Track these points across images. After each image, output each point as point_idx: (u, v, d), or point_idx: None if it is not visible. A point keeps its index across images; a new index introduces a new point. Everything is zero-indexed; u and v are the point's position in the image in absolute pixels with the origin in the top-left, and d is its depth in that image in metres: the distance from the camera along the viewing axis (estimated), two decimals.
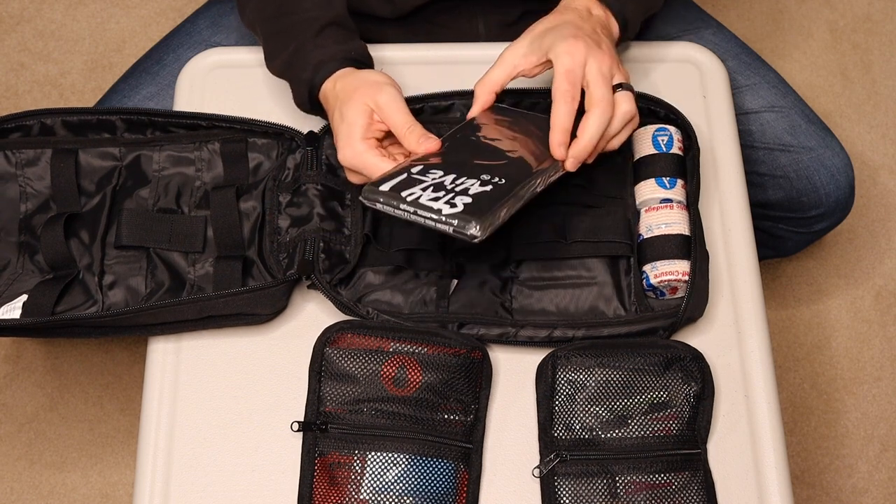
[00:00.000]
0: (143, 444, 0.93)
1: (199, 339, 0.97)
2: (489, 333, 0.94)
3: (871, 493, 1.48)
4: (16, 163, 1.04)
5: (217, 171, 1.04)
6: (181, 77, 1.11)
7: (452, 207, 0.85)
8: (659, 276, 0.95)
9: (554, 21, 0.97)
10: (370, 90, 0.95)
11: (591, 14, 0.99)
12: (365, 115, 0.94)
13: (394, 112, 0.94)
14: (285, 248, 0.99)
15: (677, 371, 0.92)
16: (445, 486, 0.89)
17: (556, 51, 0.92)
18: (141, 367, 0.99)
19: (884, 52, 1.81)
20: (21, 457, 1.49)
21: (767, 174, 1.21)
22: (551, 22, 0.97)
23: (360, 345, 0.93)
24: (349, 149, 0.94)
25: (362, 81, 0.97)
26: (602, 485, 0.89)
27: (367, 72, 0.99)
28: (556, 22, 0.97)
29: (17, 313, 0.96)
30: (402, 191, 0.87)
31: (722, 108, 1.08)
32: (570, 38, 0.92)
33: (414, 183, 0.87)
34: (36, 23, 1.85)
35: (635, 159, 1.02)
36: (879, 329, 1.59)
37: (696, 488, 0.89)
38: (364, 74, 0.98)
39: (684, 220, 0.97)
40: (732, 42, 1.24)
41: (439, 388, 0.92)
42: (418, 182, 0.88)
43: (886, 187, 1.70)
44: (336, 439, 0.90)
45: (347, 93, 0.96)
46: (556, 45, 0.92)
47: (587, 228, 0.98)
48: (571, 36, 0.92)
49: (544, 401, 0.92)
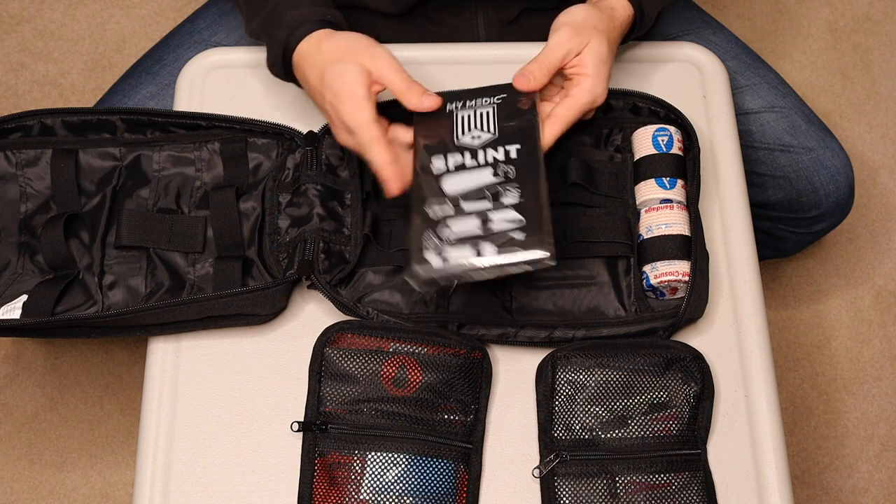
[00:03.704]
0: (143, 444, 0.93)
1: (198, 340, 0.97)
2: (489, 334, 0.94)
3: (871, 493, 1.48)
4: (16, 163, 1.04)
5: (217, 171, 1.04)
6: (181, 77, 1.11)
7: (507, 248, 0.84)
8: (659, 277, 0.95)
9: (608, 33, 0.99)
10: (364, 52, 0.95)
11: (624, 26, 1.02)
12: (364, 75, 0.94)
13: (392, 72, 0.94)
14: (285, 248, 0.98)
15: (677, 371, 0.92)
16: (445, 486, 0.89)
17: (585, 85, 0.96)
18: (141, 367, 0.99)
19: (884, 52, 1.81)
20: (21, 457, 1.49)
21: (767, 174, 1.21)
22: (606, 32, 0.98)
23: (360, 345, 0.93)
24: (357, 112, 0.93)
25: (353, 43, 0.96)
26: (602, 485, 0.89)
27: (353, 34, 0.98)
28: (608, 35, 0.99)
29: (17, 313, 0.96)
30: (450, 258, 0.85)
31: (722, 109, 1.08)
32: (603, 81, 0.97)
33: (444, 235, 0.86)
34: (36, 23, 1.85)
35: (635, 159, 1.01)
36: (879, 329, 1.59)
37: (696, 488, 0.90)
38: (352, 36, 0.98)
39: (684, 220, 0.97)
40: (732, 42, 1.24)
41: (439, 388, 0.92)
42: (446, 229, 0.86)
43: (886, 187, 1.70)
44: (336, 439, 0.90)
45: (337, 54, 0.96)
46: (596, 93, 0.97)
47: (587, 228, 0.98)
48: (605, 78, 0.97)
49: (544, 401, 0.92)
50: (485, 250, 0.84)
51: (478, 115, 0.96)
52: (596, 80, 0.96)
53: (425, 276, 0.85)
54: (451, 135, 0.94)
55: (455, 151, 0.93)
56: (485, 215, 0.87)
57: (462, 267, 0.85)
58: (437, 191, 0.90)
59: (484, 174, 0.91)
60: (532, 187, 0.88)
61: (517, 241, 0.84)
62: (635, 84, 1.09)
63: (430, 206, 0.89)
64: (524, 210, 0.87)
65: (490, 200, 0.88)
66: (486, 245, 0.85)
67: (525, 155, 0.91)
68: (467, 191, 0.89)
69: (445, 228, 0.87)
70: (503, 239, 0.85)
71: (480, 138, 0.93)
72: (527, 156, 0.91)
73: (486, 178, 0.90)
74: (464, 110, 0.96)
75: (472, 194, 0.89)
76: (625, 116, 1.04)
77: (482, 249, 0.85)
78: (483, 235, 0.85)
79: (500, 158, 0.91)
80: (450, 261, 0.85)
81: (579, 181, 1.00)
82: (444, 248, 0.85)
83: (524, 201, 0.87)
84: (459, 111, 0.96)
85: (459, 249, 0.85)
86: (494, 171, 0.90)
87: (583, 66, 0.97)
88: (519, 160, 0.91)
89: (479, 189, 0.89)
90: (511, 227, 0.85)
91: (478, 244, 0.85)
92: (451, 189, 0.90)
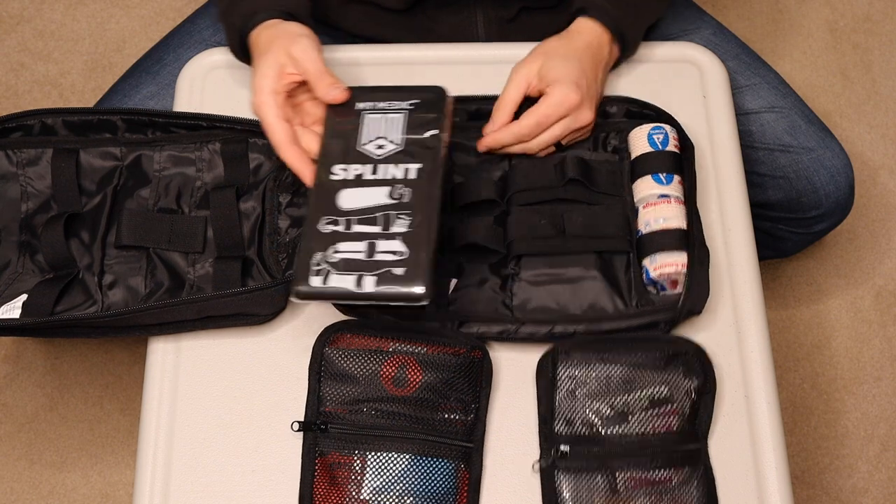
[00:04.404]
0: (143, 444, 0.93)
1: (198, 340, 0.97)
2: (489, 331, 0.94)
3: (871, 493, 1.48)
4: (17, 162, 1.04)
5: (218, 171, 1.04)
6: (181, 77, 1.11)
7: (385, 283, 0.85)
8: (658, 269, 0.95)
9: (565, 50, 1.02)
10: (288, 39, 0.97)
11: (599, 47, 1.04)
12: (275, 67, 0.96)
13: (306, 61, 0.96)
14: (285, 248, 0.99)
15: (678, 366, 0.92)
16: (446, 485, 0.89)
17: (554, 89, 0.99)
18: (141, 367, 0.99)
19: (884, 52, 1.81)
20: (21, 457, 1.49)
21: (767, 174, 1.21)
22: (563, 50, 1.02)
23: (360, 345, 0.93)
24: (262, 109, 0.96)
25: (282, 33, 0.99)
26: (602, 480, 0.89)
27: (289, 24, 1.01)
28: (566, 52, 1.02)
29: (16, 313, 0.96)
30: (331, 282, 0.86)
31: (722, 108, 1.08)
32: (573, 85, 0.99)
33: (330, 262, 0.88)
34: (36, 23, 1.85)
35: (632, 158, 1.02)
36: (879, 329, 1.59)
37: (696, 484, 0.89)
38: (285, 26, 1.00)
39: (682, 214, 0.97)
40: (732, 42, 1.24)
41: (439, 387, 0.92)
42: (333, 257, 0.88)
43: (886, 187, 1.70)
44: (336, 439, 0.90)
45: (266, 44, 0.98)
46: (557, 87, 0.99)
47: (586, 224, 0.99)
48: (574, 83, 1.00)
49: (545, 396, 0.92)
50: (365, 282, 0.86)
51: (386, 120, 0.95)
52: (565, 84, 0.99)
53: (306, 292, 0.87)
54: (355, 139, 0.94)
55: (356, 160, 0.92)
56: (373, 243, 0.88)
57: (340, 292, 0.86)
58: (332, 206, 0.90)
59: (380, 194, 0.90)
60: (422, 215, 0.88)
61: (395, 277, 0.86)
62: (636, 84, 1.09)
63: (322, 223, 0.89)
64: (410, 241, 0.87)
65: (380, 226, 0.88)
66: (366, 277, 0.86)
67: (424, 177, 0.91)
68: (361, 209, 0.90)
69: (333, 249, 0.88)
70: (383, 271, 0.86)
71: (384, 148, 0.93)
72: (426, 180, 0.91)
73: (381, 198, 0.90)
74: (373, 113, 0.95)
75: (365, 215, 0.89)
76: (621, 121, 1.05)
77: (363, 281, 0.86)
78: (366, 263, 0.87)
79: (398, 177, 0.91)
80: (331, 284, 0.86)
81: (577, 177, 1.00)
82: (328, 270, 0.87)
83: (412, 231, 0.88)
84: (368, 113, 0.95)
85: (342, 276, 0.86)
86: (391, 191, 0.90)
87: (544, 79, 1.00)
88: (417, 182, 0.91)
89: (372, 209, 0.89)
90: (393, 260, 0.86)
91: (360, 274, 0.86)
92: (345, 205, 0.90)
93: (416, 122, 0.94)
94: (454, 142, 1.04)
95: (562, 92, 0.99)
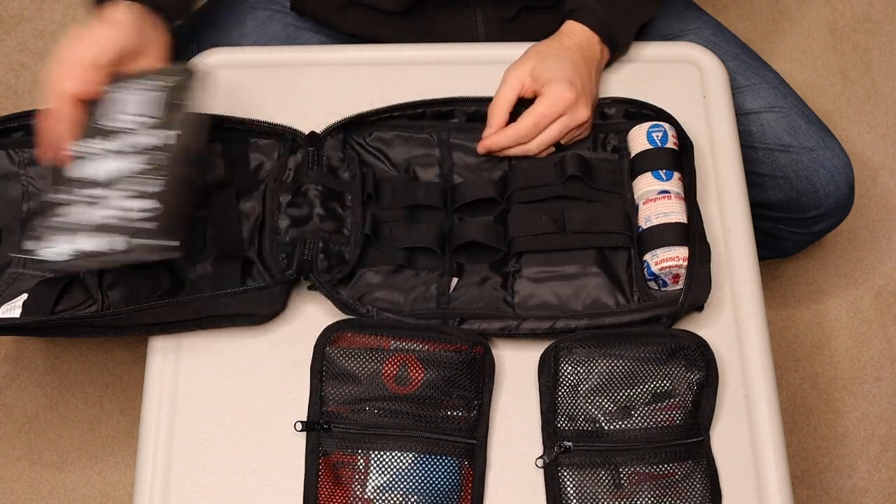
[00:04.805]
0: (143, 444, 0.93)
1: (199, 339, 0.97)
2: (491, 328, 0.94)
3: (871, 493, 1.48)
4: (18, 162, 1.04)
5: (218, 171, 1.04)
6: None
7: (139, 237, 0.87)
8: (660, 263, 0.95)
9: (556, 50, 1.04)
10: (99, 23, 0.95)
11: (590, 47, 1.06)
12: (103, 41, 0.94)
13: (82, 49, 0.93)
14: (285, 248, 0.99)
15: (680, 360, 0.92)
16: (450, 483, 0.89)
17: (549, 88, 1.01)
18: (141, 367, 0.99)
19: (884, 52, 1.81)
20: (21, 457, 1.49)
21: (767, 174, 1.21)
22: (554, 50, 1.04)
23: (361, 343, 0.93)
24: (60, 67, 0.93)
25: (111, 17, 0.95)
26: (606, 476, 0.89)
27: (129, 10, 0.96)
28: (558, 52, 1.04)
29: (17, 312, 0.96)
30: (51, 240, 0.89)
31: (722, 108, 1.08)
32: (567, 83, 1.01)
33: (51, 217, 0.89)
34: (36, 23, 1.85)
35: (632, 156, 1.02)
36: (879, 329, 1.59)
37: (700, 477, 0.90)
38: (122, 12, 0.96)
39: (682, 209, 0.98)
40: (732, 42, 1.24)
41: (441, 384, 0.92)
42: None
43: (886, 187, 1.70)
44: (339, 439, 0.90)
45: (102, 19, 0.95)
46: (552, 86, 1.01)
47: (587, 220, 0.99)
48: (568, 81, 1.01)
49: (547, 392, 0.92)
50: (115, 242, 0.88)
51: (142, 96, 0.95)
52: (560, 83, 1.00)
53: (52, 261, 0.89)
54: (103, 116, 0.94)
55: (108, 133, 0.93)
56: (122, 203, 0.89)
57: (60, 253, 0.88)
58: (64, 176, 0.91)
59: (135, 161, 0.92)
60: (173, 176, 0.90)
61: (148, 231, 0.87)
62: (635, 84, 1.09)
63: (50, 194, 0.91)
64: (163, 199, 0.89)
65: (131, 189, 0.90)
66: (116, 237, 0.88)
67: (176, 143, 0.92)
68: (114, 177, 0.91)
69: (53, 214, 0.90)
70: (136, 227, 0.88)
71: (139, 121, 0.94)
72: (179, 146, 0.92)
73: (135, 165, 0.91)
74: (125, 92, 0.95)
75: (119, 180, 0.91)
76: (620, 122, 1.05)
77: (84, 239, 0.88)
78: (117, 225, 0.88)
79: (154, 145, 0.92)
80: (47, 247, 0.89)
81: (577, 174, 1.00)
82: (43, 233, 0.89)
83: (165, 189, 0.89)
84: (117, 92, 0.95)
85: (94, 236, 0.88)
86: (149, 158, 0.91)
87: (538, 79, 1.02)
88: (172, 147, 0.92)
89: (126, 176, 0.91)
90: (148, 216, 0.88)
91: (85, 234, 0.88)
92: (83, 174, 0.91)
93: (169, 97, 0.95)
94: (454, 142, 1.05)
95: (557, 90, 1.00)
